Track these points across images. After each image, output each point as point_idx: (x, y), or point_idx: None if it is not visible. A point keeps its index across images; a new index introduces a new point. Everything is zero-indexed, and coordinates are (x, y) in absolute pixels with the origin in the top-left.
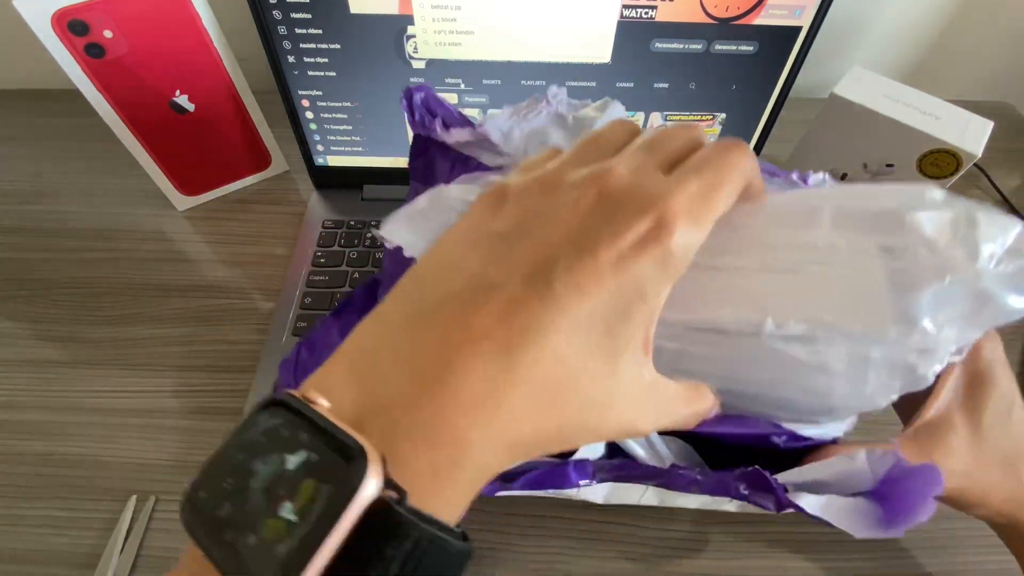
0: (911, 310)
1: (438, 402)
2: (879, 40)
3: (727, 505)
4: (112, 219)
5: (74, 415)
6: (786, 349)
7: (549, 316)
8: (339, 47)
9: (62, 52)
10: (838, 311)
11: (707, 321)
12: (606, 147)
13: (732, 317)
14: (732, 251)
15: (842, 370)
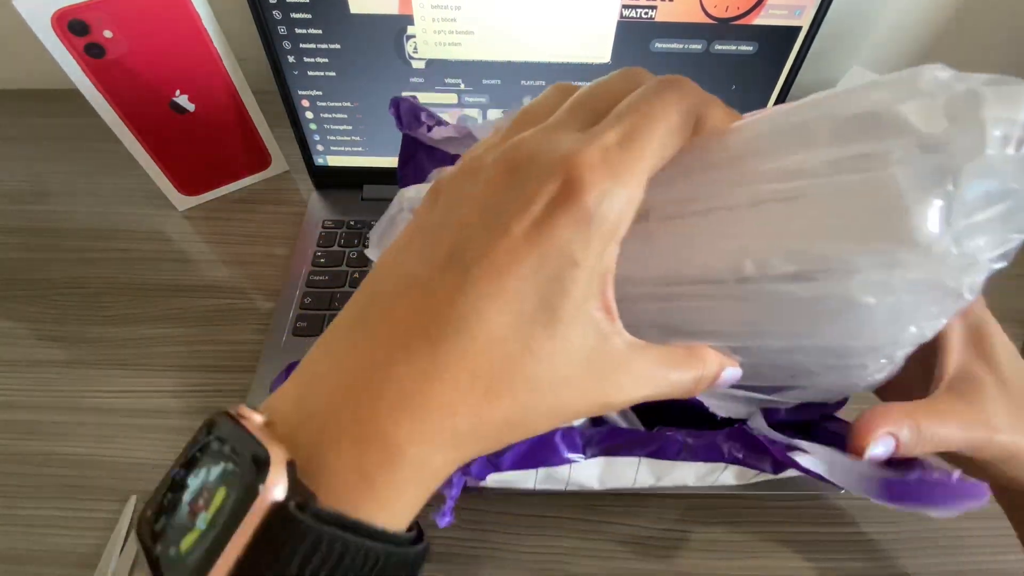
0: (929, 220)
1: (362, 403)
2: (879, 40)
3: (725, 475)
4: (112, 219)
5: (74, 415)
6: (797, 290)
7: (469, 302)
8: (339, 47)
9: (62, 52)
10: (845, 235)
11: (700, 273)
12: (538, 116)
13: (724, 263)
14: (715, 192)
15: (871, 303)
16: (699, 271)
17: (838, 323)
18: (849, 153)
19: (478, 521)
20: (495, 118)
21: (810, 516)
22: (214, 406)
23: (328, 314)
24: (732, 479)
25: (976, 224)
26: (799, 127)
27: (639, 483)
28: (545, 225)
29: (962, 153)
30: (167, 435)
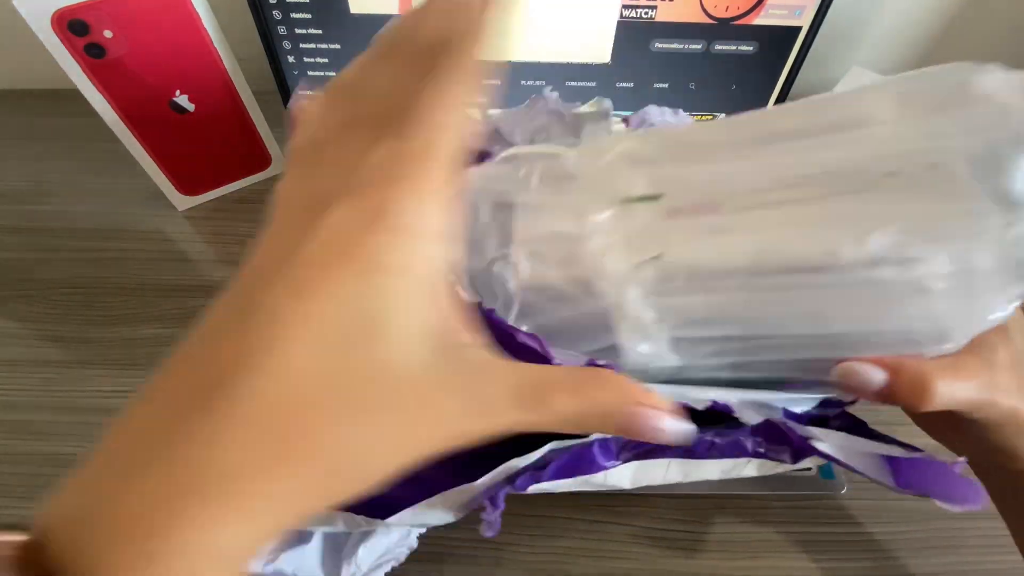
0: (1004, 189)
1: (132, 488)
2: (879, 40)
3: (747, 469)
4: (112, 219)
5: (74, 415)
6: (871, 274)
7: (262, 337)
8: (339, 47)
9: (62, 52)
10: (921, 215)
11: (776, 262)
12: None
13: (804, 251)
14: (786, 180)
15: (943, 286)
16: (786, 260)
17: (906, 310)
18: (933, 129)
19: (476, 521)
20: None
21: (810, 516)
22: None
23: None
24: (754, 471)
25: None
26: (864, 112)
27: (668, 480)
28: (350, 234)
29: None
30: None
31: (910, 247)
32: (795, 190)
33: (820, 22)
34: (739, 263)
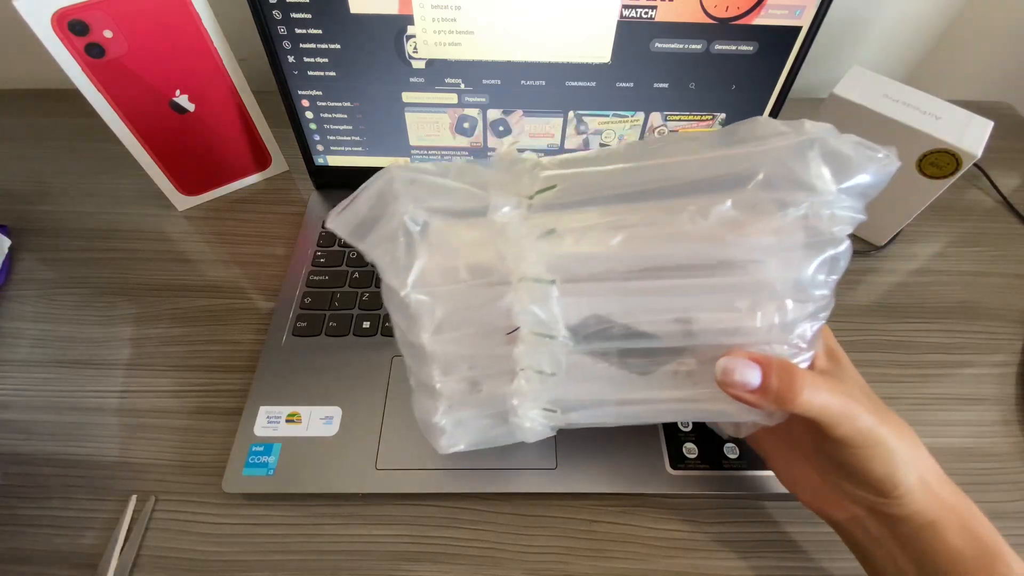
0: (800, 179)
1: None
2: (879, 40)
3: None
4: (112, 219)
5: (74, 415)
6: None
7: None
8: (339, 47)
9: (62, 52)
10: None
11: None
12: None
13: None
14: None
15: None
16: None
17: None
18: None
19: (477, 521)
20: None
21: (810, 516)
22: (214, 406)
23: (328, 314)
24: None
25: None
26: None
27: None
28: None
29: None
30: (167, 435)
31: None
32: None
33: (820, 22)
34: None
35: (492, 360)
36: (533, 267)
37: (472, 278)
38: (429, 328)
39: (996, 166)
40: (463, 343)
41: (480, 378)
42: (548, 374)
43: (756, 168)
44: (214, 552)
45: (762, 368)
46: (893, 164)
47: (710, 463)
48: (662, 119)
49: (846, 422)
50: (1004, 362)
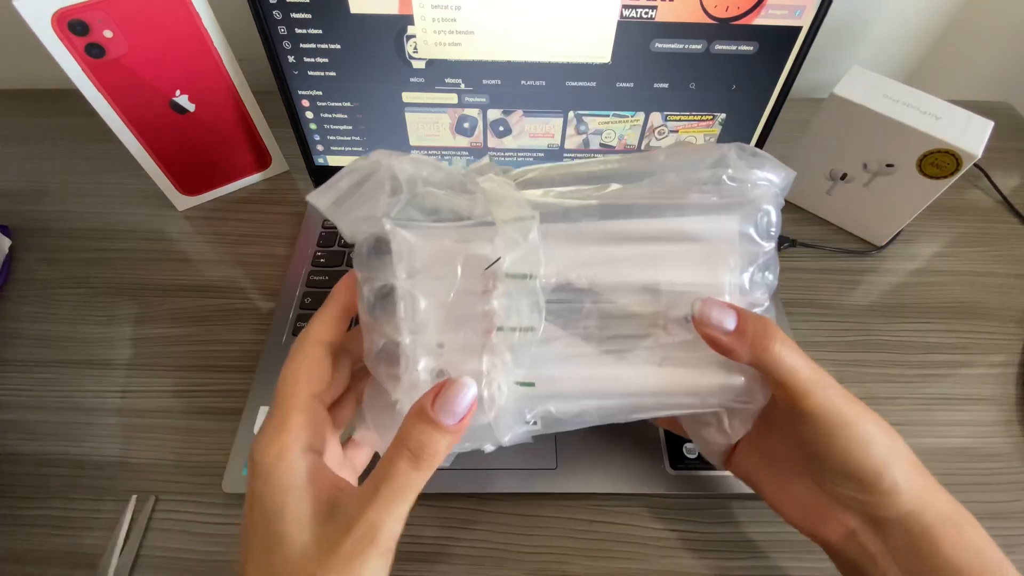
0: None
1: None
2: (879, 40)
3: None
4: (112, 219)
5: (74, 415)
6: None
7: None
8: (339, 47)
9: (62, 52)
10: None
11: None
12: None
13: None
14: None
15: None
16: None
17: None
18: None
19: (477, 521)
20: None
21: None
22: (214, 406)
23: None
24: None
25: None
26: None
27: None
28: None
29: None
30: (167, 435)
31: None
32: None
33: (820, 22)
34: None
35: (465, 323)
36: (514, 208)
37: (455, 219)
38: (406, 267)
39: (996, 166)
40: (438, 291)
41: (449, 349)
42: (525, 329)
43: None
44: (214, 552)
45: (738, 315)
46: (791, 172)
47: (710, 463)
48: (662, 119)
49: (817, 390)
50: (1004, 362)
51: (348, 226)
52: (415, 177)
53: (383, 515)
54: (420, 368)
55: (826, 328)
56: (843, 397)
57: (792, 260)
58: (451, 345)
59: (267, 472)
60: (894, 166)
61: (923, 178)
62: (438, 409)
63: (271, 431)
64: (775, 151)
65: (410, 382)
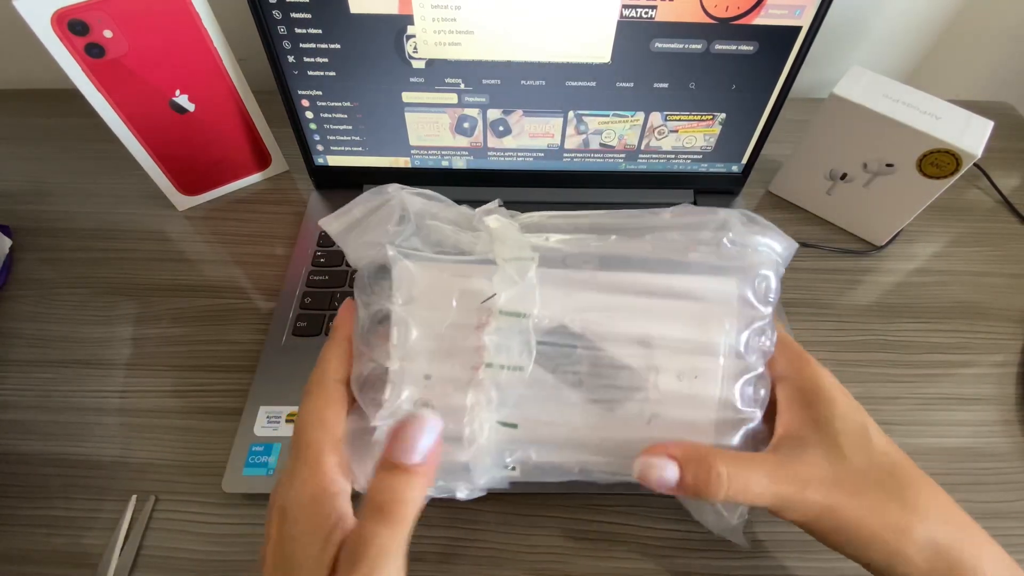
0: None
1: None
2: (879, 40)
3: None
4: (112, 219)
5: (74, 415)
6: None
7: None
8: (339, 47)
9: (62, 52)
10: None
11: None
12: None
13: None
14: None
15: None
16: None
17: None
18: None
19: (476, 521)
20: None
21: None
22: (214, 406)
23: (328, 314)
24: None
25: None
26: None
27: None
28: None
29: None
30: (167, 435)
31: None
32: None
33: (820, 22)
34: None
35: (455, 356)
36: (515, 248)
37: (457, 253)
38: (404, 294)
39: (996, 166)
40: (432, 321)
41: (436, 381)
42: (514, 367)
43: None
44: (214, 552)
45: (680, 463)
46: (794, 244)
47: None
48: (662, 119)
49: (791, 504)
50: (1004, 362)
51: (353, 251)
52: (424, 211)
53: None
54: (404, 396)
55: (826, 328)
56: (829, 497)
57: (792, 260)
58: (438, 377)
59: (300, 516)
60: (894, 166)
61: (923, 178)
62: (398, 449)
63: (304, 473)
64: (775, 151)
65: (391, 410)
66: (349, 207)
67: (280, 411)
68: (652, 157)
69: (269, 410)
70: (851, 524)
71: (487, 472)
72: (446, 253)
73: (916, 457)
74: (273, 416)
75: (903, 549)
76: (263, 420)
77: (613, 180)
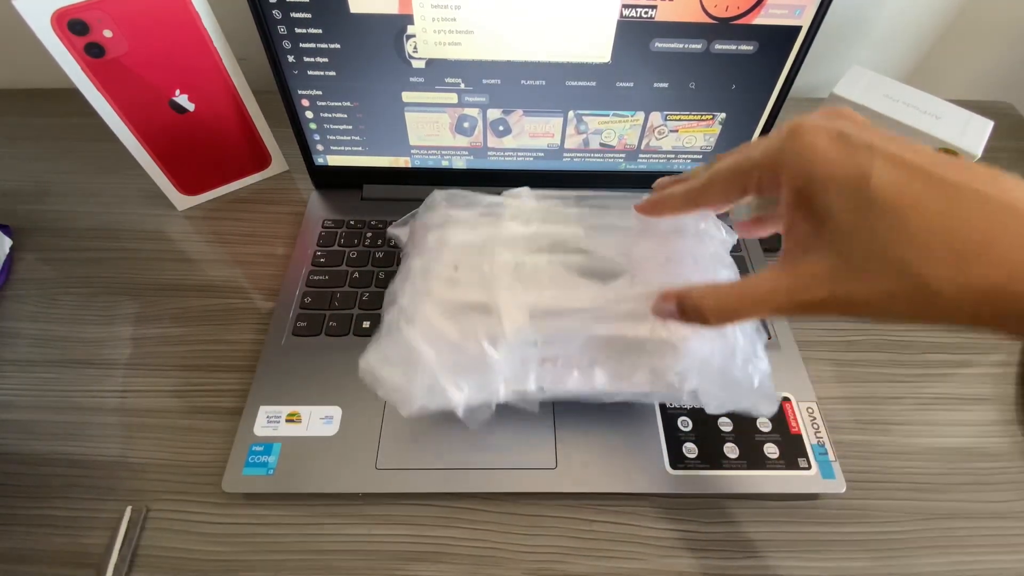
0: None
1: None
2: (879, 40)
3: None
4: (112, 219)
5: (74, 415)
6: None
7: None
8: (339, 47)
9: (62, 52)
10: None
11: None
12: None
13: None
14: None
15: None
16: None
17: None
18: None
19: (477, 521)
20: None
21: (810, 516)
22: (214, 406)
23: (328, 314)
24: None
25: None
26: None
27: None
28: None
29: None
30: (167, 435)
31: None
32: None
33: (820, 22)
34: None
35: (478, 256)
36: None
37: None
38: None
39: (996, 166)
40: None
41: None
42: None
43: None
44: (214, 552)
45: (676, 301)
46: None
47: (710, 463)
48: (662, 119)
49: (802, 300)
50: (1004, 362)
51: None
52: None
53: None
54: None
55: (826, 328)
56: (826, 288)
57: None
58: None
59: None
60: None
61: None
62: None
63: None
64: None
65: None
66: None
67: (280, 411)
68: (652, 157)
69: (269, 410)
70: (878, 309)
71: (510, 346)
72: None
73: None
74: (273, 416)
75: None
76: (263, 420)
77: (613, 180)
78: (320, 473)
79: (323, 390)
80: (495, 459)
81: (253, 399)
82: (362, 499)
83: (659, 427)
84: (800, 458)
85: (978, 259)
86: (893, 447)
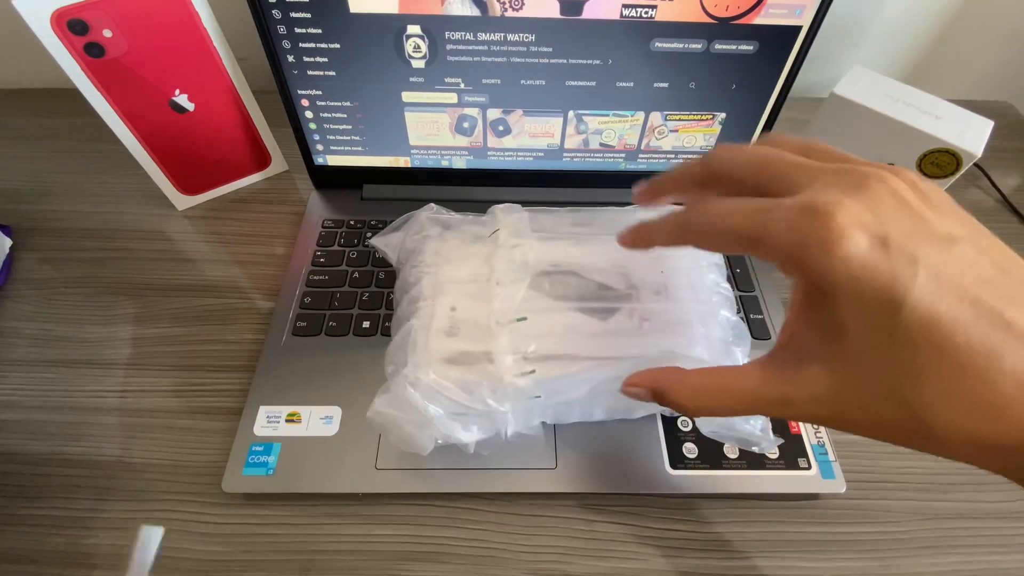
0: None
1: None
2: (879, 40)
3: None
4: (112, 219)
5: (74, 415)
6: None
7: None
8: (339, 47)
9: (61, 52)
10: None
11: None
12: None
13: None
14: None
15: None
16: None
17: None
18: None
19: (477, 521)
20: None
21: (810, 516)
22: (214, 406)
23: (328, 314)
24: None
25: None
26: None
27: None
28: None
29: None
30: (167, 435)
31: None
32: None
33: (820, 22)
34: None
35: (475, 300)
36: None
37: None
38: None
39: (996, 166)
40: (458, 263)
41: (460, 323)
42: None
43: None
44: (214, 552)
45: (646, 387)
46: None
47: (710, 463)
48: (662, 119)
49: (760, 399)
50: None
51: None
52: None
53: None
54: (422, 375)
55: None
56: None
57: None
58: (462, 309)
59: None
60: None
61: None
62: None
63: None
64: None
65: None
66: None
67: (280, 411)
68: (652, 157)
69: (269, 410)
70: (870, 433)
71: (514, 399)
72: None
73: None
74: (273, 416)
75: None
76: (263, 420)
77: (613, 180)
78: (320, 473)
79: (323, 390)
80: (495, 459)
81: (253, 399)
82: (362, 499)
83: (659, 427)
84: (800, 458)
85: (995, 421)
86: (893, 447)
